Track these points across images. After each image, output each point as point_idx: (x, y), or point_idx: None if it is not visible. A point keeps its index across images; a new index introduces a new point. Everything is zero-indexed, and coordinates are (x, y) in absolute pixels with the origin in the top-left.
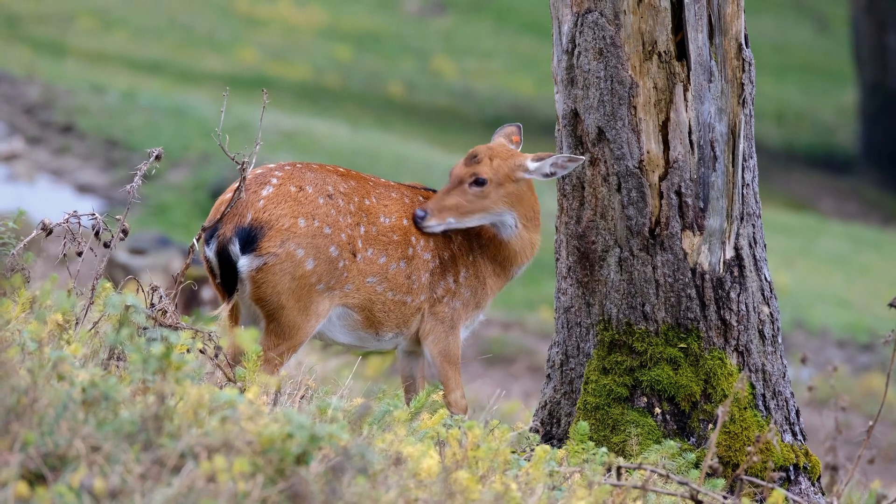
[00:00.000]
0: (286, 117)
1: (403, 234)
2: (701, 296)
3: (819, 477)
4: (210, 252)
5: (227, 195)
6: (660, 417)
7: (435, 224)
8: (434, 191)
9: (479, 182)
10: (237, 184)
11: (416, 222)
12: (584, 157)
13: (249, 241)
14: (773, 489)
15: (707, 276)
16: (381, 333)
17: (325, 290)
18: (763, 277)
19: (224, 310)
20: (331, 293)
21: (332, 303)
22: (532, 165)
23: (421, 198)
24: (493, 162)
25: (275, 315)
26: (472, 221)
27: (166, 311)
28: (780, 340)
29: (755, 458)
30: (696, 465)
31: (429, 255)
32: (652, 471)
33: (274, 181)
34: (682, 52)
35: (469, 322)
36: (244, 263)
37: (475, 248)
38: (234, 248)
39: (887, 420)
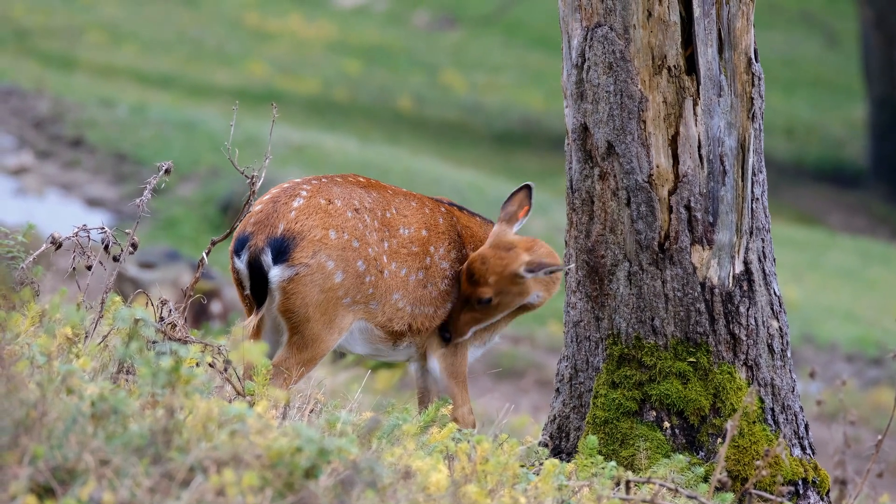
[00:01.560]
0: (295, 131)
1: (422, 244)
2: (710, 310)
3: (828, 491)
4: (241, 263)
5: (257, 207)
6: (669, 431)
7: (461, 339)
8: (462, 207)
9: (483, 302)
10: (268, 195)
11: (443, 337)
12: (571, 266)
13: (282, 251)
14: (781, 503)
15: (716, 291)
16: (398, 344)
17: (350, 304)
18: (772, 292)
19: (252, 321)
20: (355, 307)
21: (356, 317)
22: (527, 275)
23: (443, 208)
24: (491, 279)
25: (299, 327)
26: (496, 319)
27: (176, 325)
28: (789, 355)
29: (764, 473)
30: (705, 480)
31: (446, 265)
32: (661, 485)
33: (304, 193)
34: (691, 67)
35: (480, 343)
36: (276, 274)
37: None
38: (267, 258)
39: None
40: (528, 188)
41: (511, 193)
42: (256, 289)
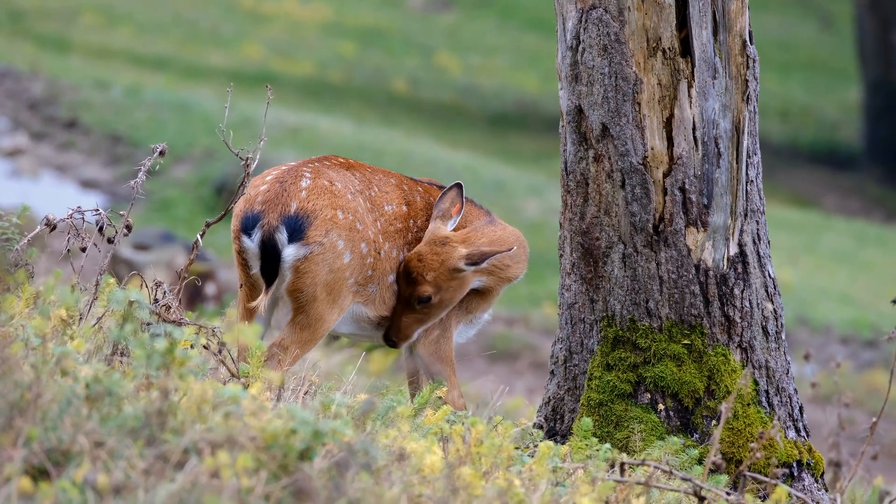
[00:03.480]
0: (290, 113)
1: (404, 220)
2: (704, 292)
3: (822, 473)
4: (251, 243)
5: (262, 187)
6: (663, 414)
7: (407, 343)
8: (440, 186)
9: (423, 300)
10: (269, 176)
11: (388, 344)
12: (509, 250)
13: (297, 229)
14: (776, 485)
15: (711, 273)
16: (381, 324)
17: (353, 285)
18: (767, 274)
19: (263, 301)
20: (356, 289)
21: (353, 299)
22: (468, 269)
23: (420, 188)
24: (429, 276)
25: (305, 307)
26: (440, 316)
27: (170, 307)
28: (783, 337)
29: (758, 455)
30: (700, 462)
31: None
32: (655, 467)
33: (307, 174)
34: (686, 49)
35: (466, 324)
36: (290, 253)
37: None
38: (282, 236)
39: (890, 416)
40: (458, 186)
41: (443, 192)
42: (267, 268)
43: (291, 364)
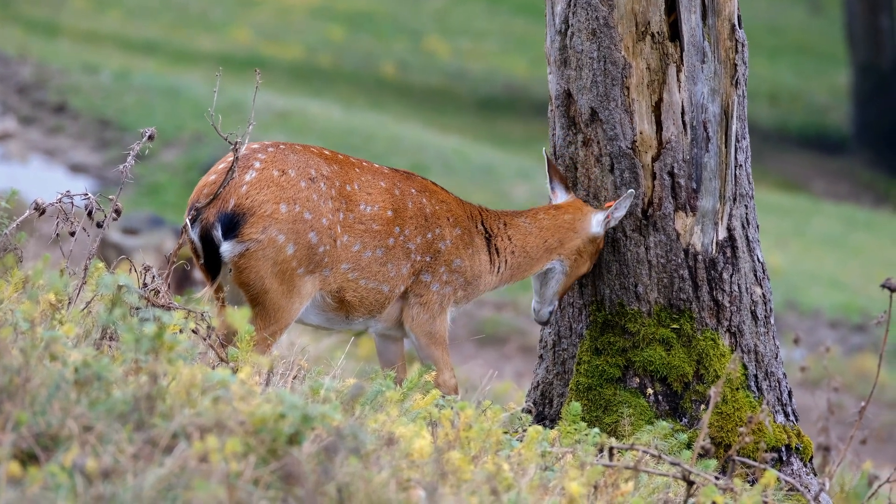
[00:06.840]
0: (279, 97)
1: (385, 223)
2: (693, 277)
3: (811, 457)
4: (194, 235)
5: (211, 177)
6: (652, 398)
7: None
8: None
9: None
10: (222, 164)
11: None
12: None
13: (232, 227)
14: (765, 470)
15: (700, 257)
16: (352, 317)
17: (305, 273)
18: (756, 258)
19: (208, 292)
20: (312, 276)
21: (316, 285)
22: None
23: (413, 190)
24: None
25: (259, 298)
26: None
27: (159, 291)
28: (772, 321)
29: (747, 439)
30: (689, 446)
31: (412, 246)
32: (644, 451)
33: (257, 165)
34: (675, 33)
35: (457, 306)
36: (226, 249)
37: (477, 243)
38: (217, 233)
39: (879, 401)
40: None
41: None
42: (210, 261)
43: (265, 352)
